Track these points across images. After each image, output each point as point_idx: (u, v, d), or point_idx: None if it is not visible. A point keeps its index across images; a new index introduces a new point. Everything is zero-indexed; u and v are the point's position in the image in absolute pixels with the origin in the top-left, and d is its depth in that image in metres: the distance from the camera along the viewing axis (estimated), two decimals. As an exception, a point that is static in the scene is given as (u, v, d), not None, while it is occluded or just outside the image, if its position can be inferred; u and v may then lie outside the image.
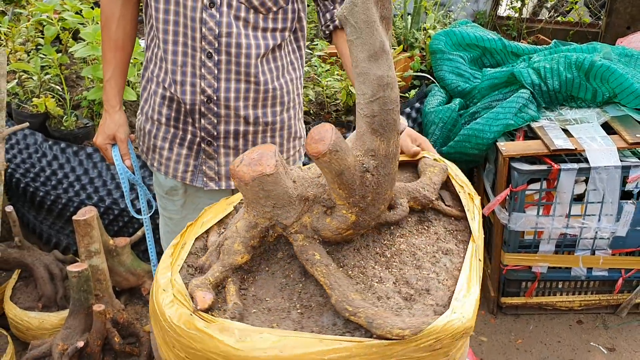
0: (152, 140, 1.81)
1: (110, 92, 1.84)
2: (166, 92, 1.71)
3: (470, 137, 2.67)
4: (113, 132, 1.86)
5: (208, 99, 1.68)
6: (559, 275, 2.71)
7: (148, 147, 1.84)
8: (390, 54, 1.00)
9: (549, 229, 2.56)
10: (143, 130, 1.84)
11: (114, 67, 1.82)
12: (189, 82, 1.67)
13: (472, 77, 3.04)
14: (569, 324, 2.79)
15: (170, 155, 1.80)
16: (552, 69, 2.69)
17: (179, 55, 1.65)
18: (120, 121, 1.86)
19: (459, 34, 3.10)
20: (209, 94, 1.67)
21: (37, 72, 2.89)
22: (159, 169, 1.84)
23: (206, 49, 1.62)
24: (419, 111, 2.96)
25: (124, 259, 2.40)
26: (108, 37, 1.80)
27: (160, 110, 1.75)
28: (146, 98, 1.81)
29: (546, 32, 5.35)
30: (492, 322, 2.81)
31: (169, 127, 1.77)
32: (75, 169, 2.66)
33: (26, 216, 2.98)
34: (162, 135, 1.78)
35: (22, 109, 2.83)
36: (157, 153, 1.82)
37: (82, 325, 2.08)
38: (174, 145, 1.78)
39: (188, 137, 1.76)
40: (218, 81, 1.66)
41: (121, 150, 1.88)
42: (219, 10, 1.59)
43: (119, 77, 1.84)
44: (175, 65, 1.67)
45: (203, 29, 1.60)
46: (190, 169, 1.80)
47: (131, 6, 1.78)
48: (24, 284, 2.60)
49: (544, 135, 2.55)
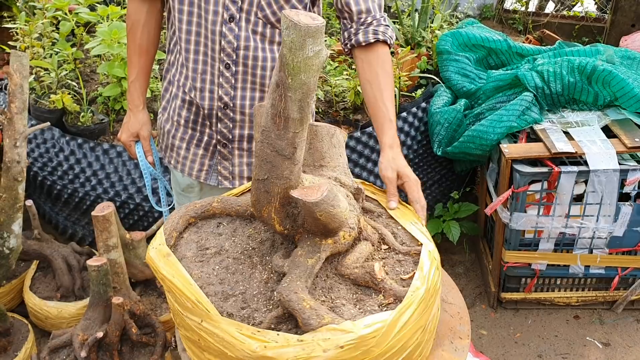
0: (170, 140, 1.93)
1: (135, 93, 1.96)
2: (186, 96, 1.82)
3: (474, 138, 2.75)
4: (137, 130, 1.98)
5: (225, 106, 1.78)
6: (557, 272, 2.81)
7: (166, 145, 1.96)
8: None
9: (548, 229, 2.65)
10: (163, 129, 1.95)
11: (138, 70, 1.94)
12: (207, 89, 1.77)
13: (478, 77, 3.11)
14: (566, 319, 2.89)
15: (187, 154, 1.91)
16: (555, 72, 2.76)
17: (199, 64, 1.75)
18: (143, 120, 1.98)
19: (465, 35, 3.16)
20: (225, 101, 1.77)
21: (54, 69, 2.97)
22: (176, 166, 1.95)
23: (224, 60, 1.72)
24: (425, 110, 3.04)
25: (139, 252, 2.50)
26: (133, 42, 1.90)
27: (179, 113, 1.86)
28: (168, 99, 1.92)
29: (552, 26, 5.39)
30: (492, 316, 2.91)
31: (187, 128, 1.87)
32: (92, 164, 2.75)
33: (42, 207, 3.07)
34: (180, 136, 1.89)
35: (39, 105, 2.91)
36: (175, 152, 1.93)
37: (101, 317, 2.18)
38: (191, 145, 1.89)
39: (205, 138, 1.86)
40: (235, 90, 1.75)
41: (144, 147, 2.01)
42: (237, 24, 1.68)
43: (142, 79, 1.96)
44: (195, 73, 1.76)
45: (222, 41, 1.69)
46: (205, 169, 1.91)
47: (155, 14, 1.89)
48: (42, 275, 2.70)
49: (546, 137, 2.63)
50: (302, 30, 0.96)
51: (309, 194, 1.09)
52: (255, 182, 1.16)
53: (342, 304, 1.16)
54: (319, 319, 1.07)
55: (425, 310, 1.16)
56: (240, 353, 1.07)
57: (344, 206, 1.17)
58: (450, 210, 3.15)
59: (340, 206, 1.15)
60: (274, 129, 1.08)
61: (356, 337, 1.05)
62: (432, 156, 3.11)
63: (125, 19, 1.91)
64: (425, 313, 1.16)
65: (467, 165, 3.11)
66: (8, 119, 2.21)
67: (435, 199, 3.30)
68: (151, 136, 2.02)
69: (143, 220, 2.78)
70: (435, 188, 3.28)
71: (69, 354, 2.20)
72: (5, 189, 2.25)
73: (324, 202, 1.10)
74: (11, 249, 2.30)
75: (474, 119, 2.91)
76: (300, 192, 1.11)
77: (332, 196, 1.12)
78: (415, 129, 3.01)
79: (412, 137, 3.00)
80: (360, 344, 1.05)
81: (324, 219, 1.13)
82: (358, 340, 1.05)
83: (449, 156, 2.94)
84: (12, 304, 2.72)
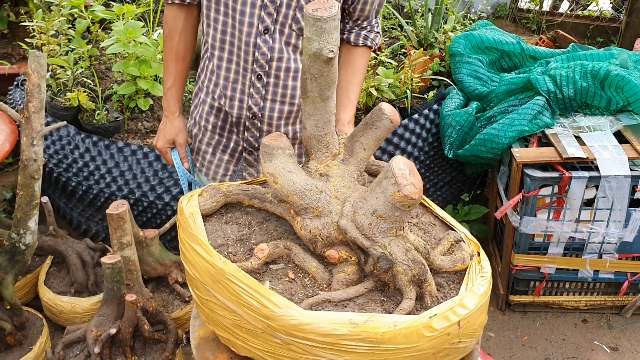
0: (197, 144, 1.97)
1: (171, 100, 1.95)
2: (215, 103, 1.84)
3: (485, 142, 2.76)
4: (173, 136, 1.98)
5: (253, 116, 1.81)
6: (566, 276, 2.82)
7: (192, 148, 2.00)
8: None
9: (558, 233, 2.66)
10: (190, 132, 1.99)
11: (175, 76, 1.93)
12: (237, 98, 1.80)
13: (490, 80, 3.12)
14: (574, 322, 2.90)
15: (212, 159, 1.94)
16: (568, 77, 2.76)
17: (231, 73, 1.78)
18: (179, 126, 1.98)
19: (478, 37, 3.17)
20: (254, 112, 1.80)
21: (71, 67, 3.00)
22: (200, 169, 1.99)
23: (257, 71, 1.74)
24: (436, 113, 3.05)
25: (153, 249, 2.54)
26: (170, 49, 1.90)
27: (207, 118, 1.89)
28: (196, 104, 1.95)
29: (566, 26, 5.37)
30: (500, 319, 2.93)
31: (214, 134, 1.90)
32: (106, 162, 2.79)
33: (57, 203, 3.11)
34: (207, 141, 1.92)
35: (55, 102, 2.95)
36: (201, 155, 1.97)
37: (115, 313, 2.22)
38: (217, 150, 1.92)
39: (231, 145, 1.90)
40: (264, 101, 1.78)
41: (180, 154, 2.01)
42: (272, 36, 1.71)
43: (179, 86, 1.95)
44: (226, 81, 1.79)
45: (256, 53, 1.72)
46: (230, 174, 1.94)
47: (192, 21, 1.89)
48: (56, 270, 2.74)
49: (557, 142, 2.63)
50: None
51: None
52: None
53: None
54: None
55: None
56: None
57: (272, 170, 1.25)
58: (460, 212, 3.17)
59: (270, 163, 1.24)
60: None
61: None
62: (442, 158, 3.12)
63: (163, 26, 1.91)
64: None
65: (478, 168, 3.12)
66: (25, 118, 2.25)
67: (445, 201, 3.31)
68: (187, 143, 2.03)
69: (156, 217, 2.82)
70: (445, 190, 3.30)
71: (82, 349, 2.24)
72: (22, 187, 2.29)
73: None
74: (27, 245, 2.34)
75: (485, 122, 2.91)
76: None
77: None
78: (427, 131, 3.02)
79: (424, 139, 3.02)
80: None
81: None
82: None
83: (460, 159, 2.95)
84: (26, 298, 2.77)
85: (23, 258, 2.39)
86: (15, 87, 3.39)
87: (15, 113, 2.26)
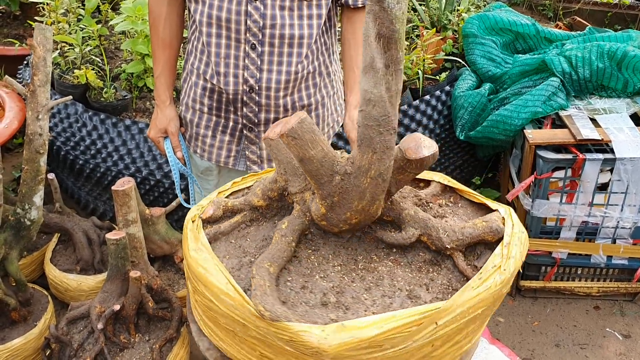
0: (194, 129, 1.91)
1: (161, 88, 1.92)
2: (207, 84, 1.79)
3: (498, 123, 2.70)
4: (164, 125, 1.94)
5: (250, 89, 1.75)
6: (578, 261, 2.76)
7: (190, 135, 1.94)
8: (381, 71, 0.97)
9: (571, 217, 2.60)
10: (184, 119, 1.93)
11: (163, 64, 1.90)
12: (231, 74, 1.74)
13: (504, 62, 3.06)
14: (585, 309, 2.85)
15: (213, 142, 1.89)
16: (584, 57, 2.69)
17: (222, 48, 1.72)
18: (170, 115, 1.94)
19: (492, 18, 3.10)
20: (251, 84, 1.75)
21: (79, 44, 2.98)
22: (202, 155, 1.93)
23: (250, 41, 1.69)
24: (449, 94, 3.00)
25: (159, 227, 2.52)
26: (156, 37, 1.87)
27: (201, 101, 1.84)
28: (186, 89, 1.89)
29: (583, 13, 5.27)
30: (510, 304, 2.88)
31: (211, 115, 1.85)
32: (114, 140, 2.77)
33: (65, 182, 3.11)
34: (205, 124, 1.87)
35: (63, 80, 2.93)
36: (200, 141, 1.91)
37: (119, 290, 2.20)
38: (216, 132, 1.87)
39: (230, 124, 1.84)
40: (260, 72, 1.73)
41: (172, 143, 1.96)
42: (263, 2, 1.65)
43: (168, 74, 1.92)
44: (218, 57, 1.73)
45: (248, 21, 1.66)
46: (233, 154, 1.89)
47: (177, 6, 1.85)
48: (63, 247, 2.73)
49: (572, 124, 2.57)
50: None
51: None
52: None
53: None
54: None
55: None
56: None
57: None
58: (471, 196, 3.11)
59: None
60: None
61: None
62: (454, 141, 3.07)
63: (148, 14, 1.89)
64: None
65: (490, 151, 3.06)
66: (31, 91, 2.23)
67: (456, 185, 3.26)
68: (179, 132, 1.99)
69: (163, 196, 2.80)
70: (457, 173, 3.24)
71: (86, 326, 2.23)
72: (27, 161, 2.27)
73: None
74: (32, 220, 2.33)
75: (498, 104, 2.86)
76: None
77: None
78: (438, 113, 2.97)
79: (435, 121, 2.97)
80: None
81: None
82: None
83: (471, 141, 2.90)
84: (33, 276, 2.77)
85: (28, 234, 2.38)
86: (25, 67, 3.38)
87: (20, 87, 2.24)
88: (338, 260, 1.18)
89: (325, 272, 1.14)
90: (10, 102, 3.17)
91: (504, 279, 1.08)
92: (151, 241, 2.51)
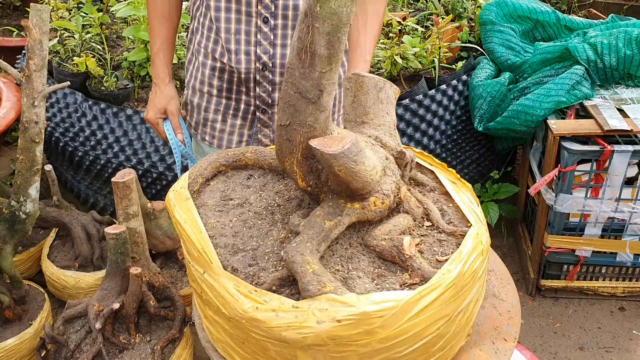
0: (202, 114, 1.77)
1: (160, 65, 1.79)
2: (216, 63, 1.66)
3: (519, 114, 2.56)
4: (164, 105, 1.81)
5: (264, 66, 1.62)
6: (603, 260, 2.62)
7: (197, 121, 1.80)
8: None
9: (596, 212, 2.47)
10: (191, 104, 1.79)
11: (161, 39, 1.77)
12: (243, 50, 1.61)
13: (523, 50, 2.92)
14: (610, 310, 2.70)
15: (224, 127, 1.75)
16: (610, 44, 2.55)
17: (232, 23, 1.59)
18: (170, 94, 1.81)
19: (511, 4, 2.97)
20: (264, 61, 1.62)
21: (79, 31, 2.86)
22: (212, 142, 1.79)
23: (262, 14, 1.56)
24: (465, 84, 2.86)
25: (161, 222, 2.39)
26: (155, 9, 1.74)
27: (210, 82, 1.70)
28: (192, 71, 1.76)
29: (598, 6, 5.14)
30: (530, 304, 2.74)
31: (221, 98, 1.72)
32: (114, 130, 2.65)
33: (64, 175, 2.98)
34: (214, 108, 1.74)
35: (62, 68, 2.81)
36: (209, 126, 1.77)
37: (118, 287, 2.08)
38: (227, 116, 1.74)
39: (242, 107, 1.71)
40: (274, 47, 1.60)
41: (173, 124, 1.83)
42: None
43: (167, 50, 1.79)
44: (228, 34, 1.61)
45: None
46: (245, 139, 1.76)
47: None
48: (61, 243, 2.61)
49: (598, 114, 2.43)
50: None
51: (329, 144, 0.96)
52: (279, 128, 1.03)
53: (358, 277, 1.02)
54: (319, 286, 0.94)
55: (454, 298, 0.99)
56: (232, 311, 0.97)
57: (370, 164, 1.02)
58: (489, 191, 2.98)
59: (365, 164, 1.00)
60: (298, 66, 0.93)
61: (357, 312, 0.90)
62: (471, 133, 2.93)
63: None
64: (454, 301, 0.99)
65: (509, 143, 2.92)
66: (26, 76, 2.10)
67: (472, 179, 3.12)
68: (180, 113, 1.85)
69: (166, 189, 2.67)
70: (473, 167, 3.10)
71: (83, 325, 2.10)
72: (22, 151, 2.15)
73: (344, 156, 0.96)
74: (27, 213, 2.21)
75: (518, 94, 2.72)
76: (320, 142, 0.97)
77: (355, 150, 0.97)
78: (455, 103, 2.83)
79: (451, 112, 2.83)
80: (362, 321, 0.91)
81: (344, 175, 0.99)
82: (359, 316, 0.90)
83: (490, 133, 2.76)
84: (30, 272, 2.65)
85: (23, 227, 2.25)
86: (23, 57, 3.27)
87: (15, 71, 2.11)
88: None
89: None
90: (8, 92, 3.05)
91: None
92: (153, 236, 2.38)
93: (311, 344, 0.92)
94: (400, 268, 1.05)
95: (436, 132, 2.79)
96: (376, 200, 1.09)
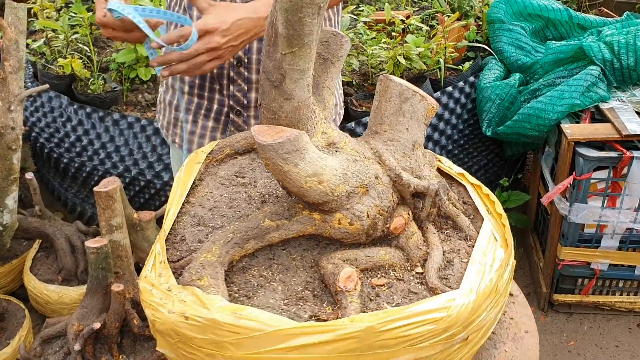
0: (173, 113, 1.63)
1: None
2: None
3: (530, 117, 2.41)
4: None
5: (238, 62, 1.48)
6: (620, 273, 2.46)
7: (169, 121, 1.66)
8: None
9: (613, 223, 2.31)
10: (164, 102, 1.66)
11: None
12: None
13: (534, 50, 2.77)
14: (628, 327, 2.54)
15: (194, 129, 1.60)
16: (628, 43, 2.40)
17: None
18: None
19: (520, 2, 2.82)
20: (239, 56, 1.47)
21: (65, 31, 2.72)
22: (181, 145, 1.65)
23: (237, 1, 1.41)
24: (473, 86, 2.71)
25: (148, 234, 2.25)
26: None
27: (182, 79, 1.56)
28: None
29: (610, 5, 5.00)
30: (542, 320, 2.58)
31: (192, 96, 1.58)
32: (100, 136, 2.51)
33: (52, 182, 2.85)
34: (185, 107, 1.59)
35: (47, 70, 2.68)
36: (179, 127, 1.64)
37: (100, 305, 1.94)
38: (198, 117, 1.59)
39: (214, 107, 1.56)
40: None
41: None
42: None
43: None
44: None
45: None
46: None
47: None
48: (44, 255, 2.48)
49: (615, 118, 2.28)
50: None
51: (268, 134, 0.87)
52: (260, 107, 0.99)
53: (274, 290, 0.91)
54: (195, 277, 0.90)
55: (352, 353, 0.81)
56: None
57: (308, 170, 0.88)
58: (498, 199, 2.82)
59: (299, 166, 0.87)
60: (266, 42, 0.88)
61: (208, 316, 0.82)
62: (479, 137, 2.78)
63: None
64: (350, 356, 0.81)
65: (519, 149, 2.77)
66: (1, 79, 1.97)
67: (480, 187, 2.96)
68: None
69: (155, 199, 2.53)
70: (481, 174, 2.95)
71: (62, 346, 1.96)
72: (-3, 159, 2.01)
73: (272, 150, 0.85)
74: (5, 225, 2.07)
75: (529, 96, 2.57)
76: (260, 128, 0.89)
77: (289, 148, 0.85)
78: (462, 106, 2.68)
79: (458, 115, 2.68)
80: (210, 328, 0.82)
81: (274, 172, 0.90)
82: (208, 322, 0.83)
83: (499, 137, 2.61)
84: (12, 286, 2.51)
85: (1, 240, 2.12)
86: None
87: (-11, 73, 1.98)
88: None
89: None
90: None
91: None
92: (139, 249, 2.24)
93: (160, 330, 0.87)
94: (333, 299, 0.91)
95: (442, 137, 2.64)
96: (342, 218, 0.95)
